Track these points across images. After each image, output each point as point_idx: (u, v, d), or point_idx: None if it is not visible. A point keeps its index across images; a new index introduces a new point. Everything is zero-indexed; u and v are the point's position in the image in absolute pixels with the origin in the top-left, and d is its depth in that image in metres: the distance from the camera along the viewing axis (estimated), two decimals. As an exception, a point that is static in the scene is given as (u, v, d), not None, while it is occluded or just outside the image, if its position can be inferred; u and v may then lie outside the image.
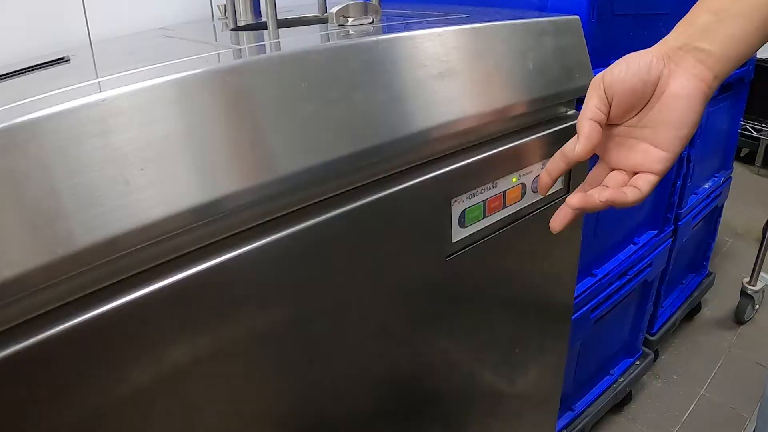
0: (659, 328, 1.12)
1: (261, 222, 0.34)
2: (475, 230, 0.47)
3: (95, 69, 0.41)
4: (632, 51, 0.35)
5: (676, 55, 0.34)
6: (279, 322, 0.36)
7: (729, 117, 1.14)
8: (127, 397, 0.30)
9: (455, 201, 0.43)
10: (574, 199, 0.35)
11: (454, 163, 0.43)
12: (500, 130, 0.48)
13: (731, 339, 1.26)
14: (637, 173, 0.35)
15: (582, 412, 0.93)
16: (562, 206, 0.36)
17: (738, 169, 1.92)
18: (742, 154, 2.15)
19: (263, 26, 0.57)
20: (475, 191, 0.45)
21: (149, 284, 0.30)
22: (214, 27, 0.64)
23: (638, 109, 0.35)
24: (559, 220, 0.36)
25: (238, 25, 0.59)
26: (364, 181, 0.38)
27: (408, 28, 0.43)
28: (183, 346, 0.32)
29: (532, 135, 0.50)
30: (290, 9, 0.68)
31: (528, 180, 0.50)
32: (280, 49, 0.37)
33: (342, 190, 0.37)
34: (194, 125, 0.30)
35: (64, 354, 0.27)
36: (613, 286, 0.84)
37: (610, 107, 0.35)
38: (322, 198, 0.37)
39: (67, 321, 0.27)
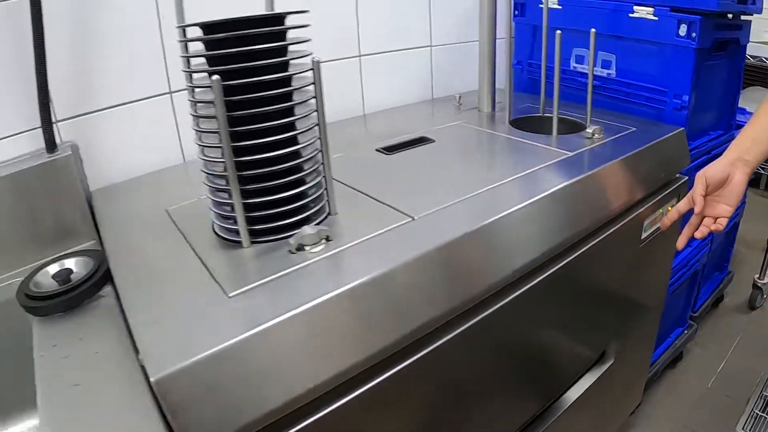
0: (698, 308, 1.83)
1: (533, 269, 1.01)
2: (648, 233, 1.15)
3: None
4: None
5: (733, 163, 0.87)
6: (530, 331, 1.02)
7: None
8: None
9: (645, 221, 1.12)
10: (698, 233, 0.93)
11: (643, 206, 1.11)
12: (656, 191, 1.16)
13: (747, 320, 1.99)
14: (718, 218, 0.89)
15: (657, 360, 1.62)
16: (681, 236, 0.94)
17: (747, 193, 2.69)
18: (748, 179, 2.93)
19: (537, 125, 1.22)
20: (648, 217, 1.13)
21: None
22: (484, 116, 1.29)
23: (719, 188, 0.88)
24: (681, 242, 0.96)
25: (512, 119, 1.25)
26: (604, 220, 1.05)
27: (615, 144, 1.11)
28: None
29: (664, 191, 1.18)
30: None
31: (664, 212, 1.19)
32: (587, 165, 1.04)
33: (601, 224, 1.04)
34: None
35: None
36: (680, 272, 1.54)
37: (707, 188, 0.87)
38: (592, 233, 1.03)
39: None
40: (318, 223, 0.75)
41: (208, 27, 0.68)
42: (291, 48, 0.70)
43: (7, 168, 0.89)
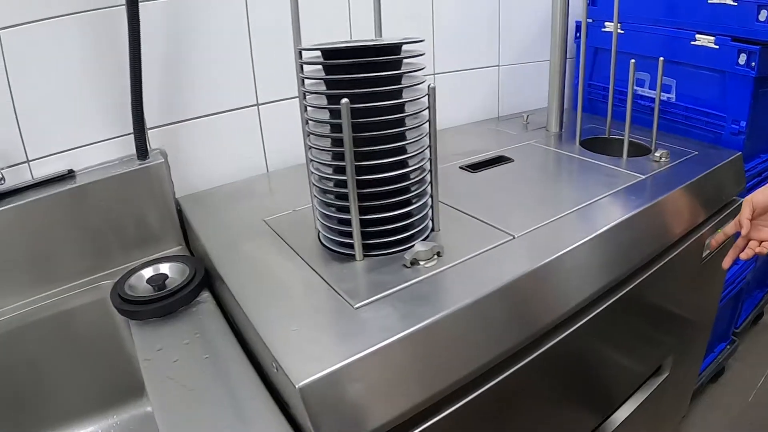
0: (740, 324, 1.83)
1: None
2: (706, 252, 1.16)
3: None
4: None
5: None
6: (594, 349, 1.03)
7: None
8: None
9: (705, 241, 1.13)
10: (743, 255, 0.95)
11: (705, 227, 1.12)
12: (716, 212, 1.17)
13: (785, 337, 1.98)
14: (762, 241, 0.91)
15: (701, 374, 1.63)
16: (727, 257, 0.98)
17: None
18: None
19: (605, 146, 1.24)
20: (708, 237, 1.14)
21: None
22: (553, 136, 1.31)
23: (764, 213, 0.90)
24: (727, 263, 0.99)
25: (582, 139, 1.27)
26: (672, 241, 1.06)
27: (680, 168, 1.12)
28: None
29: (722, 214, 1.19)
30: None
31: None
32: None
33: (669, 245, 1.05)
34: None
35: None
36: (728, 289, 1.54)
37: (753, 213, 0.90)
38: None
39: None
40: (425, 239, 0.77)
41: (329, 52, 0.71)
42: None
43: (99, 172, 0.93)
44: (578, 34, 1.54)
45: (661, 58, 1.13)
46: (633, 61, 1.08)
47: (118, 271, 0.92)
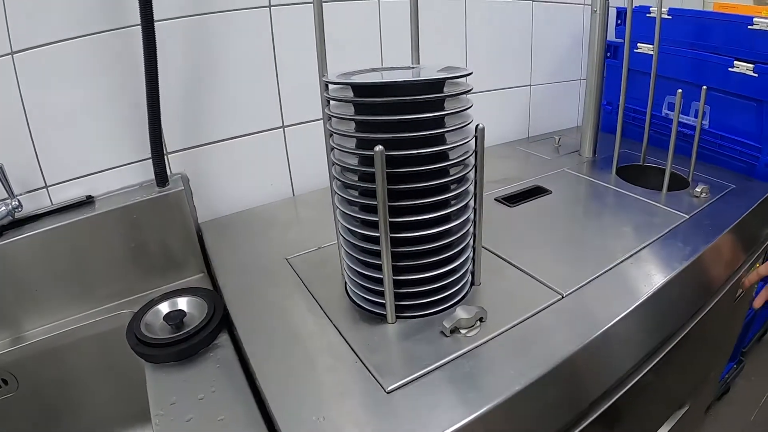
0: (747, 343, 1.67)
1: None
2: (738, 291, 1.01)
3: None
4: None
5: None
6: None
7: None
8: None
9: (741, 281, 0.97)
10: None
11: (740, 271, 0.96)
12: (748, 257, 1.02)
13: (788, 354, 1.83)
14: None
15: (710, 394, 1.48)
16: (759, 297, 0.86)
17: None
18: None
19: (641, 176, 1.07)
20: (743, 278, 0.99)
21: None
22: (587, 163, 1.15)
23: None
24: (758, 302, 0.87)
25: (618, 167, 1.11)
26: (715, 289, 0.91)
27: (722, 205, 0.96)
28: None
29: (757, 251, 1.04)
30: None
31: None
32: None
33: (712, 293, 0.90)
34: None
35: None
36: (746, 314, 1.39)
37: None
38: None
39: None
40: (464, 296, 0.63)
41: (360, 88, 0.55)
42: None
43: (119, 199, 0.82)
44: (608, 54, 1.37)
45: (704, 87, 0.97)
46: (680, 91, 0.92)
47: (139, 299, 0.82)
